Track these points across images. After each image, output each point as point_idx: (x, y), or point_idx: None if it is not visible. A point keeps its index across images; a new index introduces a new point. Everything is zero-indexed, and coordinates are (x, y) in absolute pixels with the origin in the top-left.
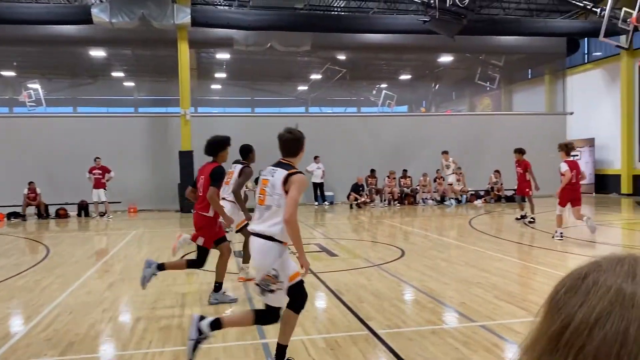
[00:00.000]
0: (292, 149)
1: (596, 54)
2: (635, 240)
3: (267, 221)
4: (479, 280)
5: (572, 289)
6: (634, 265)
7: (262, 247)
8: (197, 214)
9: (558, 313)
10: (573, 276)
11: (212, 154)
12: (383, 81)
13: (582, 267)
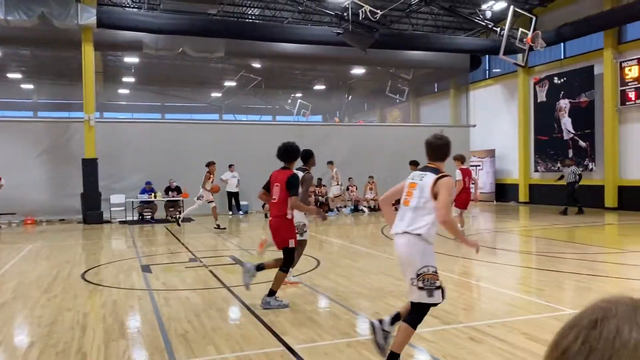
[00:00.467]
0: (440, 153)
1: (496, 70)
2: (531, 246)
3: (414, 222)
4: (392, 289)
5: (586, 341)
6: None
7: (409, 246)
8: (274, 220)
9: None
10: (583, 324)
11: (285, 160)
12: (298, 90)
13: (592, 311)
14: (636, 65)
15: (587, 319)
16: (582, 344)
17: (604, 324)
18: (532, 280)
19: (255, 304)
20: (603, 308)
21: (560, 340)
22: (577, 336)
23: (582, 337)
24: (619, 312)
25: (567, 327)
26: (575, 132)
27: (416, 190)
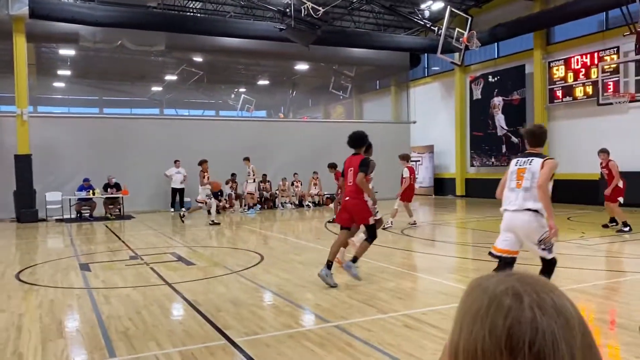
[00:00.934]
0: (540, 140)
1: (435, 68)
2: (468, 237)
3: (529, 200)
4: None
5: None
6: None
7: (529, 219)
8: (351, 200)
9: None
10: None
11: (356, 147)
12: (242, 85)
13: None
14: (563, 66)
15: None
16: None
17: (523, 297)
18: (467, 270)
19: (197, 299)
20: (502, 285)
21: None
22: (516, 319)
23: (527, 313)
24: (522, 285)
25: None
26: (508, 128)
27: (527, 174)
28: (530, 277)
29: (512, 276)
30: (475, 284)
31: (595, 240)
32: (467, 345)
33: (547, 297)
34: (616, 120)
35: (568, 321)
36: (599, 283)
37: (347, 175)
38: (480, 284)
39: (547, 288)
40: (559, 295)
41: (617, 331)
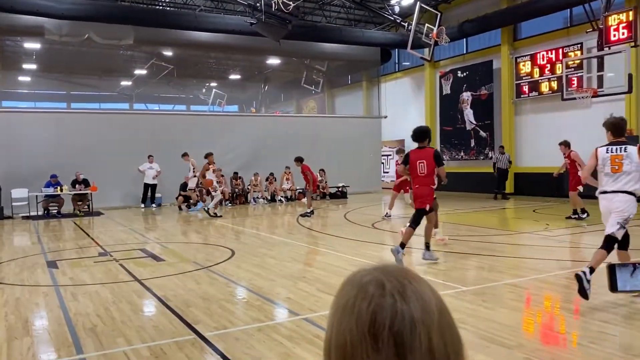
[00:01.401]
0: (623, 131)
1: (405, 63)
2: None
3: (628, 183)
4: (304, 275)
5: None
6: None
7: (625, 200)
8: (421, 187)
9: None
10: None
11: (420, 140)
12: (213, 80)
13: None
14: (529, 61)
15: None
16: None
17: (385, 285)
18: (434, 261)
19: (166, 295)
20: (365, 277)
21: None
22: (378, 305)
23: (388, 301)
24: (385, 275)
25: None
26: (477, 122)
27: (625, 160)
28: (394, 268)
29: (377, 269)
30: (345, 281)
31: (558, 232)
32: (338, 339)
33: (407, 284)
34: (580, 114)
35: (426, 305)
36: (560, 273)
37: (417, 166)
38: (349, 279)
39: (409, 276)
40: (419, 281)
41: (578, 318)
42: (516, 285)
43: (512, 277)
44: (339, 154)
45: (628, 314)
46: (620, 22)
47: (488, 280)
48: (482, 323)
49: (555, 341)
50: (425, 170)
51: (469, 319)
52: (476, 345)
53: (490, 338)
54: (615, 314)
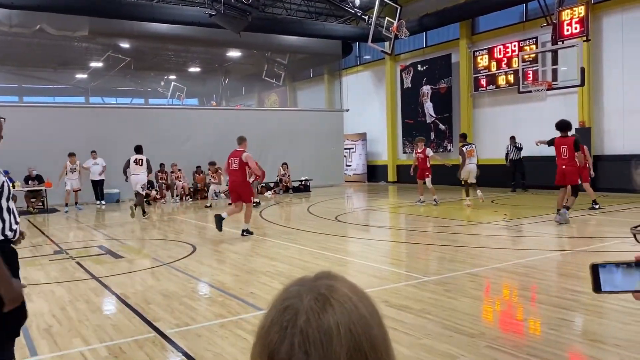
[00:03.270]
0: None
1: (366, 57)
2: (400, 221)
3: None
4: (268, 269)
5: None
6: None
7: None
8: (567, 167)
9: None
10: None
11: (563, 130)
12: (172, 73)
13: (282, 306)
14: (487, 55)
15: (285, 316)
16: (292, 345)
17: (297, 318)
18: (397, 252)
19: (125, 292)
20: (289, 300)
21: (266, 341)
22: (282, 338)
23: (288, 338)
24: (304, 301)
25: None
26: (436, 115)
27: None
28: (326, 287)
29: (314, 283)
30: (284, 288)
31: (516, 222)
32: (252, 358)
33: (316, 321)
34: (535, 107)
35: (329, 351)
36: (519, 261)
37: (562, 151)
38: (285, 289)
39: (334, 304)
40: (341, 313)
41: (537, 306)
42: (477, 274)
43: (472, 267)
44: (302, 147)
45: (585, 300)
46: (573, 17)
47: (450, 270)
48: (444, 312)
49: (515, 328)
50: (568, 154)
51: (432, 309)
52: (439, 335)
53: (453, 327)
54: (573, 301)
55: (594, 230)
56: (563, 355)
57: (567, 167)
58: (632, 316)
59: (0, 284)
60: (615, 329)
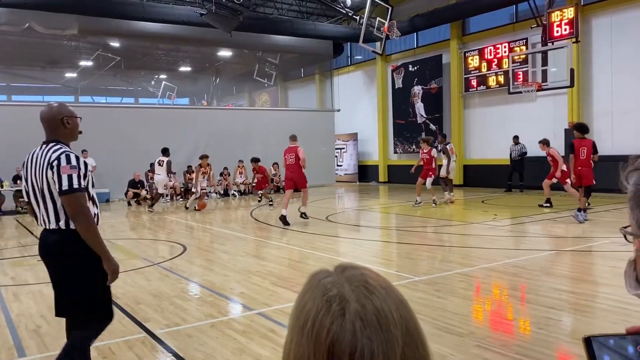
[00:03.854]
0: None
1: (358, 57)
2: (390, 221)
3: None
4: (258, 269)
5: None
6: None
7: None
8: (584, 169)
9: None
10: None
11: (585, 132)
12: (162, 72)
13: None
14: (477, 56)
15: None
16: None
17: (349, 306)
18: (387, 252)
19: (115, 293)
20: (331, 290)
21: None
22: (341, 326)
23: (348, 324)
24: (347, 290)
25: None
26: (427, 116)
27: None
28: (360, 276)
29: (341, 275)
30: (307, 286)
31: (506, 222)
32: (297, 358)
33: (370, 305)
34: (525, 108)
35: (389, 333)
36: (508, 261)
37: (581, 152)
38: (311, 285)
39: (375, 290)
40: (385, 298)
41: (526, 305)
42: (467, 274)
43: (462, 267)
44: None
45: (573, 299)
46: (563, 18)
47: (440, 270)
48: (435, 312)
49: (504, 328)
50: (585, 156)
51: (423, 309)
52: (429, 335)
53: (443, 327)
54: (559, 300)
55: (583, 230)
56: (551, 354)
57: (583, 168)
58: (619, 315)
59: (103, 259)
60: (603, 328)
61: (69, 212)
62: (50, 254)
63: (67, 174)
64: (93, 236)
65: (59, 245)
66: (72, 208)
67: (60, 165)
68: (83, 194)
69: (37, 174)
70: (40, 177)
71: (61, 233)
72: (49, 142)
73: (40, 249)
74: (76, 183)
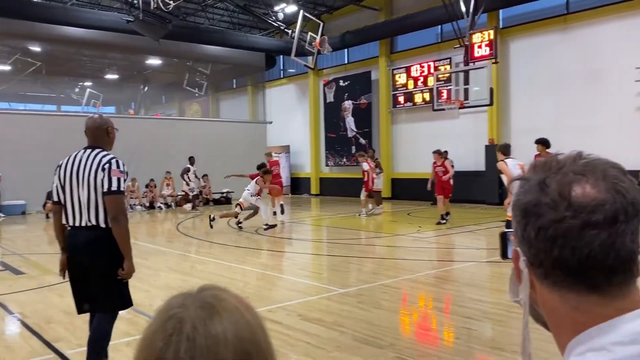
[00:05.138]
0: None
1: (291, 70)
2: (321, 234)
3: None
4: (181, 285)
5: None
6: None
7: None
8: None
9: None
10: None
11: (549, 146)
12: (87, 79)
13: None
14: (404, 73)
15: (168, 325)
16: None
17: (183, 326)
18: (315, 265)
19: (24, 311)
20: (173, 310)
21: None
22: (167, 345)
23: (173, 345)
24: (190, 310)
25: (151, 335)
26: (357, 130)
27: None
28: (210, 297)
29: (197, 295)
30: (165, 303)
31: (430, 234)
32: None
33: (202, 328)
34: (449, 124)
35: (217, 355)
36: (430, 272)
37: None
38: (167, 303)
39: (218, 313)
40: (226, 321)
41: (445, 315)
42: (390, 285)
43: (387, 278)
44: (224, 159)
45: (490, 309)
46: (483, 40)
47: (364, 282)
48: (356, 324)
49: (424, 338)
50: None
51: (345, 321)
52: (350, 348)
53: (363, 339)
54: (478, 310)
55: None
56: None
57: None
58: (530, 323)
59: (127, 258)
60: (515, 337)
61: (110, 212)
62: (84, 250)
63: (117, 177)
64: (127, 237)
65: (96, 242)
66: (115, 208)
67: (111, 168)
68: (124, 196)
69: (83, 174)
70: (87, 177)
71: (98, 230)
72: (94, 148)
73: (70, 246)
74: (123, 186)
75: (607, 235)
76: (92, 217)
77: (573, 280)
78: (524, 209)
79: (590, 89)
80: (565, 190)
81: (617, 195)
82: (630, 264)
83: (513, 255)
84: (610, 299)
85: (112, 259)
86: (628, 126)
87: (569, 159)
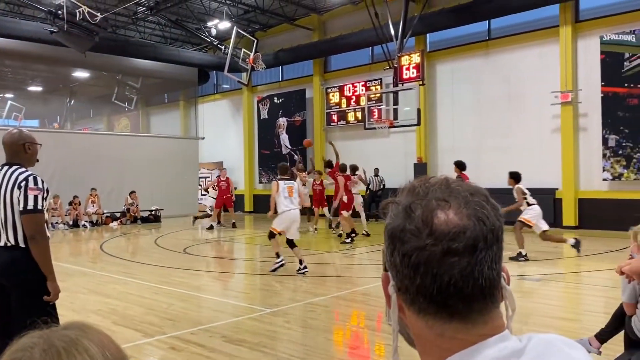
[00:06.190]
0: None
1: (225, 86)
2: (253, 253)
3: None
4: (100, 307)
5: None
6: None
7: None
8: None
9: None
10: None
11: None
12: (8, 90)
13: None
14: (337, 92)
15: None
16: None
17: None
18: (242, 285)
19: None
20: (18, 352)
21: None
22: None
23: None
24: (35, 354)
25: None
26: (291, 147)
27: None
28: (64, 337)
29: (52, 334)
30: (17, 340)
31: (361, 250)
32: None
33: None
34: (380, 142)
35: None
36: (357, 289)
37: None
38: (18, 341)
39: (68, 355)
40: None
41: (369, 332)
42: (317, 304)
43: (314, 297)
44: (153, 175)
45: None
46: (411, 62)
47: (291, 301)
48: (280, 344)
49: (347, 356)
50: None
51: (269, 342)
52: None
53: (286, 359)
54: None
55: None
56: None
57: None
58: None
59: (49, 279)
60: None
61: (28, 231)
62: (4, 272)
63: (33, 194)
64: (47, 257)
65: (15, 263)
66: (32, 227)
67: (28, 185)
68: (43, 215)
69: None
70: (3, 195)
71: (18, 250)
72: (11, 165)
73: None
74: (41, 204)
75: (466, 262)
76: (10, 237)
77: (435, 307)
78: (391, 234)
79: (510, 111)
80: (428, 217)
81: (478, 222)
82: (490, 290)
83: (383, 279)
84: (472, 325)
85: (33, 281)
86: (545, 147)
87: (437, 184)
